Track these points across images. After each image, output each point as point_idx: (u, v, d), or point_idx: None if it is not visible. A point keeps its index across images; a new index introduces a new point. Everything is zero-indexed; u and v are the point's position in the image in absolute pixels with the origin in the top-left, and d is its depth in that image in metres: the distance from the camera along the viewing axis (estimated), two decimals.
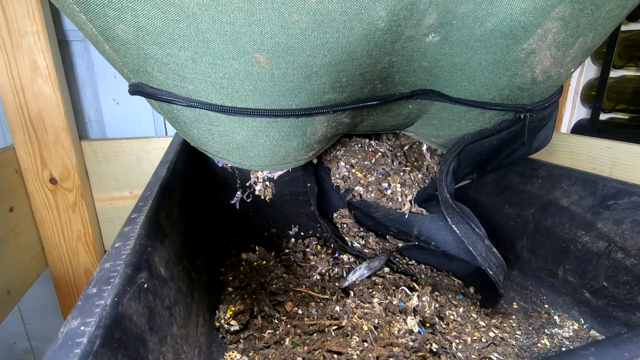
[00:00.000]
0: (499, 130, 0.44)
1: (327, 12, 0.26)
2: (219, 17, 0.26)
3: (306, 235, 0.73)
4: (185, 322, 0.40)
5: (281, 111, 0.32)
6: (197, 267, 0.49)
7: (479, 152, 0.47)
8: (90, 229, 0.84)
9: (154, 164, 0.84)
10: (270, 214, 0.73)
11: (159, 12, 0.26)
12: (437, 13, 0.29)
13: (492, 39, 0.32)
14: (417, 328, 0.47)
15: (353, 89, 0.33)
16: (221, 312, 0.51)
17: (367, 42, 0.29)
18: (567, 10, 0.30)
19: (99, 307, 0.25)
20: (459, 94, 0.39)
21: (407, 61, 0.34)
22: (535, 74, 0.36)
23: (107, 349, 0.23)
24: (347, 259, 0.66)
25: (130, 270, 0.30)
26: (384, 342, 0.45)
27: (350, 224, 0.68)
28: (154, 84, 0.31)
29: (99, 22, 0.27)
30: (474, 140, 0.46)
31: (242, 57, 0.28)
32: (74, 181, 0.80)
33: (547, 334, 0.51)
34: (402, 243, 0.59)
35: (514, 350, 0.48)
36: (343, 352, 0.43)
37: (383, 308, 0.50)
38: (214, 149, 0.37)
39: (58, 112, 0.74)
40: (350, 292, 0.57)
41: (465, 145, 0.46)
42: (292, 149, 0.37)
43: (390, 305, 0.51)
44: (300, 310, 0.53)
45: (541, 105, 0.41)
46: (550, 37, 0.32)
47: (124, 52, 0.29)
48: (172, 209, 0.45)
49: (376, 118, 0.42)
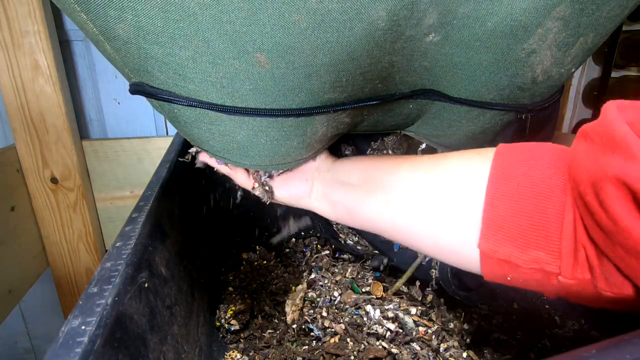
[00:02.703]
0: (499, 130, 0.44)
1: (327, 11, 0.26)
2: (219, 17, 0.26)
3: (306, 235, 0.73)
4: (185, 321, 0.40)
5: (281, 111, 0.32)
6: (197, 266, 0.49)
7: None
8: (91, 229, 0.84)
9: (155, 163, 0.85)
10: (270, 213, 0.73)
11: (159, 11, 0.26)
12: (438, 13, 0.29)
13: (492, 39, 0.32)
14: (417, 327, 0.47)
15: (353, 88, 0.33)
16: (222, 311, 0.51)
17: (367, 41, 0.29)
18: (567, 10, 0.30)
19: (100, 306, 0.25)
20: (459, 94, 0.39)
21: (408, 61, 0.34)
22: (536, 74, 0.36)
23: (108, 348, 0.23)
24: (347, 258, 0.66)
25: (131, 269, 0.30)
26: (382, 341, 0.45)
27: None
28: (154, 83, 0.31)
29: (100, 21, 0.27)
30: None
31: (243, 56, 0.28)
32: (75, 181, 0.80)
33: (548, 335, 0.51)
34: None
35: (515, 350, 0.48)
36: (341, 355, 0.43)
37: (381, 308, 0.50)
38: (214, 148, 0.37)
39: (59, 112, 0.74)
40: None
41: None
42: (292, 148, 0.37)
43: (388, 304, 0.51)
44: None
45: (542, 105, 0.41)
46: (550, 37, 0.32)
47: (125, 52, 0.29)
48: (172, 208, 0.45)
49: (376, 118, 0.42)
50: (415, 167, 0.35)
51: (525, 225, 0.26)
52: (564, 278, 0.25)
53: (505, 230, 0.27)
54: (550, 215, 0.26)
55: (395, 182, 0.36)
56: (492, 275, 0.30)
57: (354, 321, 0.47)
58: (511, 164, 0.28)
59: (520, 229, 0.27)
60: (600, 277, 0.24)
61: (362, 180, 0.39)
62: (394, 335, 0.45)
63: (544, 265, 0.26)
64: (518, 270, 0.27)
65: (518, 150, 0.29)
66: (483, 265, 0.29)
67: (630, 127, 0.22)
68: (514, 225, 0.27)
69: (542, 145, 0.29)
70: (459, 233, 0.30)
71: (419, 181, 0.34)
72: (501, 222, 0.27)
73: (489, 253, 0.28)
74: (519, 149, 0.29)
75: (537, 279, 0.27)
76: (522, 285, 0.29)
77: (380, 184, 0.37)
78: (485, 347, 0.48)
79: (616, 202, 0.21)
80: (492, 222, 0.28)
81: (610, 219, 0.22)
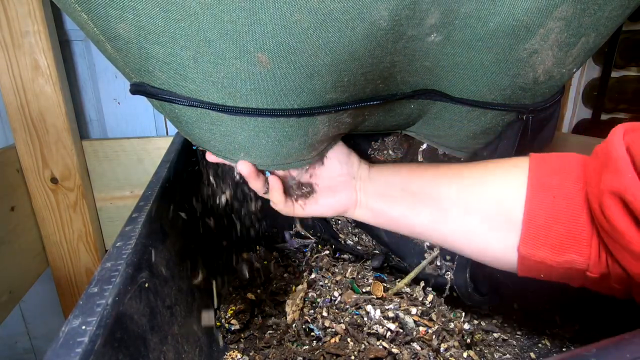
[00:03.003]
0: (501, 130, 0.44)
1: (328, 11, 0.26)
2: (220, 17, 0.26)
3: (307, 235, 0.73)
4: (185, 321, 0.40)
5: (283, 111, 0.32)
6: (197, 266, 0.49)
7: (480, 153, 0.47)
8: (91, 229, 0.84)
9: (155, 163, 0.84)
10: (270, 213, 0.73)
11: (160, 11, 0.26)
12: (440, 13, 0.29)
13: (494, 39, 0.32)
14: (417, 327, 0.47)
15: (355, 88, 0.33)
16: (222, 311, 0.51)
17: (369, 41, 0.29)
18: (569, 10, 0.30)
19: (100, 306, 0.25)
20: (460, 94, 0.39)
21: (409, 61, 0.34)
22: (537, 74, 0.36)
23: (108, 348, 0.23)
24: (347, 258, 0.66)
25: (131, 269, 0.30)
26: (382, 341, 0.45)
27: (342, 222, 0.68)
28: (155, 83, 0.31)
29: (101, 21, 0.27)
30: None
31: (244, 56, 0.28)
32: (75, 181, 0.80)
33: (548, 334, 0.51)
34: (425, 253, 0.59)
35: (515, 350, 0.48)
36: (341, 355, 0.43)
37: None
38: (216, 148, 0.37)
39: (59, 112, 0.74)
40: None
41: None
42: (294, 149, 0.37)
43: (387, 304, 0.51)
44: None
45: (543, 105, 0.41)
46: (552, 37, 0.32)
47: (126, 52, 0.29)
48: (173, 208, 0.45)
49: (378, 118, 0.42)
50: (455, 181, 0.39)
51: (561, 232, 0.31)
52: (591, 274, 0.30)
53: (544, 237, 0.32)
54: (582, 224, 0.30)
55: (436, 195, 0.39)
56: (527, 273, 0.34)
57: (354, 321, 0.47)
58: (545, 175, 0.33)
59: (556, 235, 0.31)
60: (614, 273, 0.29)
61: (404, 192, 0.42)
62: (395, 335, 0.45)
63: (576, 265, 0.31)
64: (552, 269, 0.32)
65: (550, 161, 0.33)
66: (520, 265, 0.34)
67: (627, 148, 0.26)
68: (551, 232, 0.31)
69: (569, 157, 0.33)
70: (502, 239, 0.35)
71: (465, 194, 0.37)
72: (539, 229, 0.32)
73: (528, 256, 0.32)
74: (551, 160, 0.34)
75: (568, 275, 0.32)
76: (552, 279, 0.34)
77: (423, 198, 0.40)
78: (486, 347, 0.48)
79: (613, 211, 0.26)
80: (532, 229, 0.32)
81: (609, 224, 0.26)
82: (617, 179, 0.25)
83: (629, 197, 0.24)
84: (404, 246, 0.58)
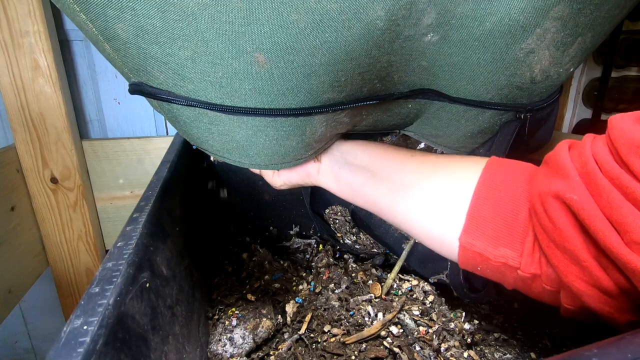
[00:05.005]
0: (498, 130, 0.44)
1: (325, 11, 0.26)
2: (218, 17, 0.26)
3: (307, 235, 0.73)
4: (187, 321, 0.40)
5: (280, 110, 0.33)
6: (198, 266, 0.49)
7: (476, 151, 0.48)
8: (91, 229, 0.84)
9: (155, 163, 0.85)
10: (270, 213, 0.73)
11: (158, 11, 0.26)
12: (436, 12, 0.29)
13: (490, 39, 0.32)
14: (417, 327, 0.47)
15: (352, 88, 0.33)
16: (222, 311, 0.51)
17: (365, 41, 0.29)
18: (566, 10, 0.30)
19: (102, 306, 0.25)
20: (458, 94, 0.39)
21: (406, 60, 0.34)
22: (534, 74, 0.36)
23: (110, 348, 0.23)
24: (347, 258, 0.66)
25: (132, 269, 0.30)
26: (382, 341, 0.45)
27: (340, 221, 0.68)
28: (154, 83, 0.31)
29: (99, 21, 0.27)
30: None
31: (242, 56, 0.28)
32: (75, 181, 0.80)
33: (548, 334, 0.51)
34: (404, 244, 0.59)
35: (515, 350, 0.48)
36: (342, 355, 0.43)
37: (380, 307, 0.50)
38: (214, 147, 0.37)
39: (59, 112, 0.74)
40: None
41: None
42: (291, 148, 0.37)
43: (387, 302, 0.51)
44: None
45: (540, 104, 0.41)
46: (549, 37, 0.32)
47: (124, 52, 0.29)
48: (173, 208, 0.45)
49: (375, 117, 0.43)
50: (420, 166, 0.40)
51: (500, 226, 0.32)
52: (522, 272, 0.31)
53: (482, 228, 0.33)
54: (520, 221, 0.31)
55: (400, 175, 0.41)
56: (466, 264, 0.36)
57: (354, 321, 0.48)
58: (498, 173, 0.34)
59: (495, 228, 0.32)
60: (545, 274, 0.30)
61: (369, 165, 0.44)
62: (395, 336, 0.45)
63: (509, 260, 0.32)
64: (488, 262, 0.33)
65: (505, 165, 0.35)
66: (460, 255, 0.35)
67: (571, 158, 0.28)
68: (490, 224, 0.32)
69: (524, 165, 0.35)
70: (447, 226, 0.36)
71: (422, 179, 0.39)
72: (481, 221, 0.33)
73: (467, 246, 0.34)
74: (506, 164, 0.35)
75: (501, 271, 0.33)
76: (488, 275, 0.35)
77: (387, 174, 0.42)
78: (486, 347, 0.48)
79: (555, 211, 0.28)
80: (473, 220, 0.33)
81: (551, 223, 0.28)
82: (566, 182, 0.27)
83: (573, 198, 0.27)
84: (391, 236, 0.59)
